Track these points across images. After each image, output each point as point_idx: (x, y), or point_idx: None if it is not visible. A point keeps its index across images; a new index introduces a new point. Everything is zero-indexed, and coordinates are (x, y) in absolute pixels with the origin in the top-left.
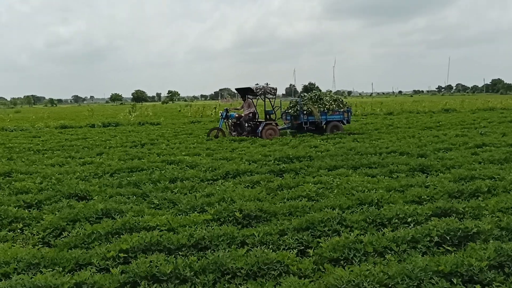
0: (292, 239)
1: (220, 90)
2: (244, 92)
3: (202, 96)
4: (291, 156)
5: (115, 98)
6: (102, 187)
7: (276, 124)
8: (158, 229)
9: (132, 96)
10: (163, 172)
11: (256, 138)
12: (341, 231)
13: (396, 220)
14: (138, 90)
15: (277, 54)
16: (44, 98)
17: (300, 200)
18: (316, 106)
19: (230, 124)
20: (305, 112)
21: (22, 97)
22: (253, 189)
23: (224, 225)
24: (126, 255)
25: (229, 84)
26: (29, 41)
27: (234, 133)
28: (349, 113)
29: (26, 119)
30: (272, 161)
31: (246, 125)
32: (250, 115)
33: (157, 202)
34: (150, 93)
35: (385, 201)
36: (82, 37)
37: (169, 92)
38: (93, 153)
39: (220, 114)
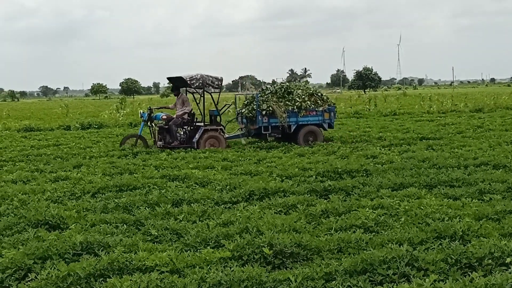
0: (342, 286)
1: (240, 78)
2: (178, 84)
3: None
4: (339, 170)
5: (98, 90)
6: (81, 212)
7: (221, 130)
8: (158, 270)
9: (120, 88)
10: (163, 191)
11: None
12: (411, 276)
13: (490, 261)
14: (128, 79)
15: (319, 28)
16: (2, 90)
17: (354, 232)
18: (282, 104)
19: (154, 129)
20: (264, 112)
21: None
22: (288, 215)
23: (248, 265)
24: None
25: (253, 70)
26: None
27: (160, 142)
28: (332, 114)
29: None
30: (314, 176)
31: (178, 130)
32: (185, 116)
33: (156, 233)
34: (145, 83)
35: (474, 233)
36: (52, 6)
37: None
38: (69, 165)
39: (140, 115)
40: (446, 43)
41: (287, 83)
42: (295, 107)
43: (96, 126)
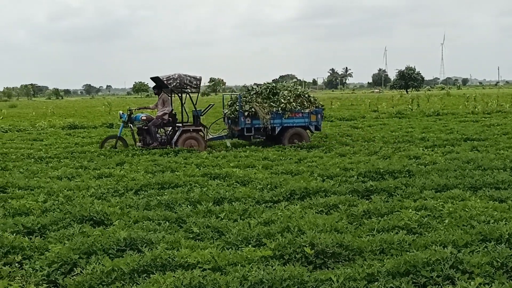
0: None
1: (281, 77)
2: (160, 84)
3: (255, 85)
4: (382, 171)
5: (139, 88)
6: (125, 209)
7: (201, 131)
8: (200, 267)
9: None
10: (204, 189)
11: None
12: (456, 279)
13: None
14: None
15: (360, 26)
16: (47, 88)
17: (396, 233)
18: (266, 105)
19: (133, 131)
20: (246, 113)
21: (18, 86)
22: (329, 215)
23: (290, 264)
24: None
25: (293, 69)
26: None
27: (140, 143)
28: (319, 116)
29: (24, 116)
30: (355, 176)
31: (158, 131)
32: (165, 117)
33: (198, 231)
34: None
35: None
36: (96, 6)
37: (211, 80)
38: (112, 162)
39: (120, 116)
40: (492, 42)
41: (273, 84)
42: (279, 108)
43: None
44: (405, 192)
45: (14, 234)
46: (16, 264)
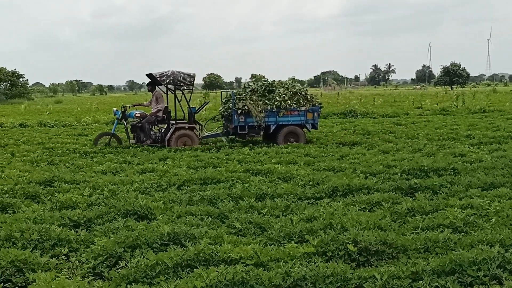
0: (430, 286)
1: (323, 74)
2: (155, 81)
3: (297, 82)
4: (426, 168)
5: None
6: (168, 204)
7: (194, 128)
8: (242, 263)
9: (203, 82)
10: (246, 185)
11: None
12: (503, 278)
13: None
14: (211, 74)
15: (404, 23)
16: (91, 84)
17: (441, 231)
18: (261, 103)
19: (127, 127)
20: (239, 111)
21: (64, 82)
22: (372, 213)
23: (332, 261)
24: None
25: (335, 65)
26: (72, 10)
27: (133, 140)
28: (316, 114)
29: (69, 112)
30: (399, 174)
31: (151, 128)
32: (159, 114)
33: (240, 226)
34: (227, 77)
35: None
36: (139, 4)
37: (253, 76)
38: (155, 157)
39: (114, 113)
40: None
41: (270, 81)
42: (274, 106)
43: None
44: (450, 190)
45: (61, 227)
46: (63, 257)
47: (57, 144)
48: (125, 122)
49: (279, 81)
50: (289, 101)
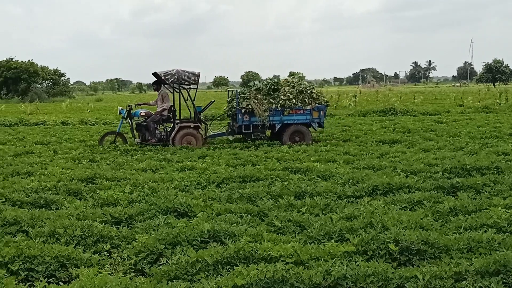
0: (473, 287)
1: (361, 71)
2: (160, 80)
3: (335, 79)
4: (468, 167)
5: (220, 82)
6: (207, 201)
7: (199, 127)
8: (282, 261)
9: (241, 80)
10: (285, 183)
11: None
12: None
13: None
14: (249, 72)
15: (445, 18)
16: (130, 82)
17: (485, 231)
18: (266, 101)
19: (132, 126)
20: (243, 110)
21: (104, 81)
22: (414, 212)
23: (373, 260)
24: None
25: (374, 62)
26: (112, 9)
27: (138, 139)
28: (322, 113)
29: (109, 110)
30: (440, 172)
31: (156, 127)
32: (164, 113)
33: (279, 225)
34: (265, 75)
35: None
36: (178, 2)
37: (291, 74)
38: (194, 155)
39: (119, 112)
40: None
41: (275, 80)
42: (278, 105)
43: (218, 119)
44: (493, 190)
45: (103, 224)
46: (105, 253)
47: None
48: (130, 121)
49: (285, 79)
50: (294, 100)
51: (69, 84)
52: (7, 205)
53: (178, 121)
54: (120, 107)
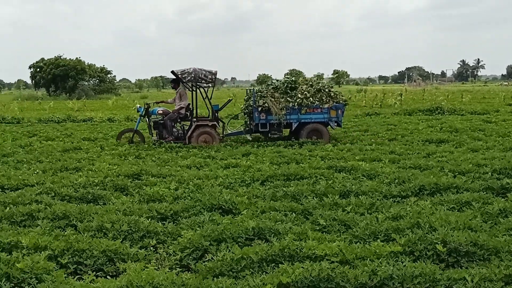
0: None
1: (407, 69)
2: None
3: (380, 78)
4: None
5: (263, 80)
6: (252, 199)
7: (215, 126)
8: (327, 259)
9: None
10: (330, 182)
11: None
12: None
13: None
14: (293, 70)
15: (494, 16)
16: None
17: None
18: (283, 100)
19: (150, 124)
20: (260, 108)
21: (149, 78)
22: (462, 213)
23: (420, 261)
24: None
25: (420, 61)
26: (157, 8)
27: (155, 137)
28: (339, 111)
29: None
30: (489, 173)
31: (174, 125)
32: (181, 111)
33: (324, 223)
34: (309, 73)
35: None
36: (222, 0)
37: (335, 72)
38: (238, 153)
39: (137, 110)
40: None
41: (293, 78)
42: (295, 103)
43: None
44: None
45: (149, 219)
46: (151, 248)
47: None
48: (147, 119)
49: (303, 78)
50: (311, 98)
51: (115, 81)
52: (56, 200)
53: (195, 119)
54: (138, 105)
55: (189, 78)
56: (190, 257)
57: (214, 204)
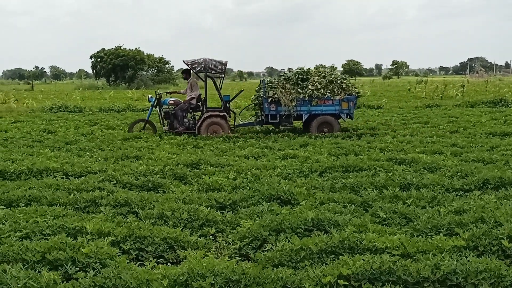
0: None
1: (470, 60)
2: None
3: (441, 69)
4: None
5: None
6: (310, 190)
7: (225, 117)
8: (388, 252)
9: (342, 69)
10: (390, 174)
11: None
12: None
13: None
14: (350, 61)
15: None
16: (231, 70)
17: None
18: (294, 91)
19: (161, 114)
20: (270, 99)
21: None
22: None
23: (485, 256)
24: (347, 283)
25: (484, 51)
26: None
27: (166, 127)
28: (351, 103)
29: (211, 97)
30: None
31: (185, 116)
32: (192, 102)
33: (384, 216)
34: (367, 64)
35: None
36: None
37: (394, 63)
38: (295, 143)
39: (148, 100)
40: None
41: (305, 69)
42: (306, 95)
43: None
44: None
45: (208, 208)
46: (210, 236)
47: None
48: (159, 109)
49: (316, 69)
50: (322, 90)
51: (173, 71)
52: (118, 187)
53: (205, 110)
54: (149, 95)
55: (199, 68)
56: (249, 246)
57: (272, 194)
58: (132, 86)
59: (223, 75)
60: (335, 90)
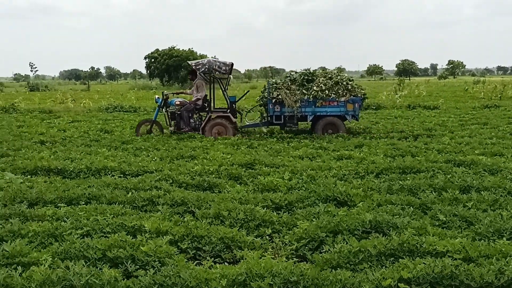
0: None
1: None
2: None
3: (499, 68)
4: None
5: (373, 71)
6: (367, 191)
7: (229, 117)
8: (449, 256)
9: (396, 69)
10: (449, 176)
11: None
12: None
13: None
14: (404, 61)
15: None
16: (283, 70)
17: None
18: (299, 92)
19: (167, 115)
20: (274, 100)
21: (258, 69)
22: None
23: None
24: (407, 287)
25: None
26: None
27: (172, 128)
28: (356, 105)
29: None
30: None
31: (191, 116)
32: (198, 102)
33: (444, 219)
34: (422, 64)
35: None
36: None
37: (450, 62)
38: (351, 144)
39: (155, 101)
40: None
41: (310, 70)
42: (310, 96)
43: (374, 108)
44: None
45: (264, 209)
46: (267, 237)
47: (255, 129)
48: (165, 110)
49: (322, 70)
50: (327, 91)
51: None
52: (174, 186)
53: (210, 111)
54: (156, 96)
55: (203, 69)
56: (306, 247)
57: (328, 196)
58: (185, 86)
59: (230, 76)
60: (340, 91)
